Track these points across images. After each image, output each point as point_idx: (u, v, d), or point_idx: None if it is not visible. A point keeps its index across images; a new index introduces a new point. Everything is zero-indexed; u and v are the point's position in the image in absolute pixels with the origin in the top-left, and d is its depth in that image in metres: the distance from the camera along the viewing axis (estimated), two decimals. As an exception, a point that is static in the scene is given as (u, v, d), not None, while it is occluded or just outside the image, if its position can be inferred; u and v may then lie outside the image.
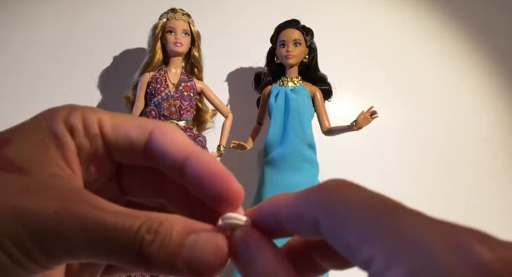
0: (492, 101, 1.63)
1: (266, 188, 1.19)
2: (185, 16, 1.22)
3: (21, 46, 1.43)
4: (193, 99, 1.23)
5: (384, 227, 0.12)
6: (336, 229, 0.13)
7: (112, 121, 0.16)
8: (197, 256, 0.14)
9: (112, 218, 0.14)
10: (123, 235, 0.14)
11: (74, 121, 0.16)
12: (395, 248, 0.11)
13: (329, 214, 0.13)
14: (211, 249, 0.15)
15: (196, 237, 0.14)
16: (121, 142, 0.16)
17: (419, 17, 1.63)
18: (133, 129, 0.16)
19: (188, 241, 0.14)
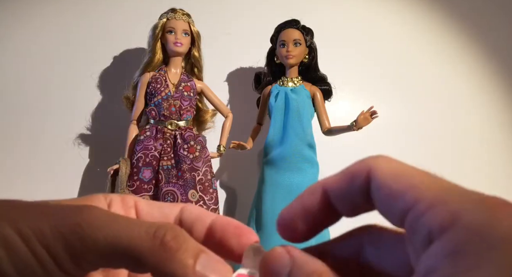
0: (492, 100, 1.63)
1: (266, 188, 1.19)
2: (185, 16, 1.22)
3: (21, 46, 1.43)
4: (193, 99, 1.23)
5: (428, 180, 0.14)
6: (387, 180, 0.14)
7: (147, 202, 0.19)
8: (210, 269, 0.15)
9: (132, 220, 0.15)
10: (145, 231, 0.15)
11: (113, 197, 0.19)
12: (437, 195, 0.13)
13: (382, 167, 0.15)
14: (223, 269, 0.16)
15: (209, 255, 0.16)
16: (156, 214, 0.19)
17: (419, 17, 1.63)
18: (166, 206, 0.19)
19: (204, 254, 0.15)
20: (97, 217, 0.15)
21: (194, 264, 0.15)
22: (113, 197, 0.19)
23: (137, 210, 0.19)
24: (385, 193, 0.14)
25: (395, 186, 0.14)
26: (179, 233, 0.15)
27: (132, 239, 0.14)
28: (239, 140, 1.23)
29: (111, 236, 0.14)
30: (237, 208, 1.51)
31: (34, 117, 1.41)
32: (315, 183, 0.17)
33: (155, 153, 1.16)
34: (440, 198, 0.13)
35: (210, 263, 0.15)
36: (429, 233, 0.12)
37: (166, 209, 0.19)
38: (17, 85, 1.42)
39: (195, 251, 0.15)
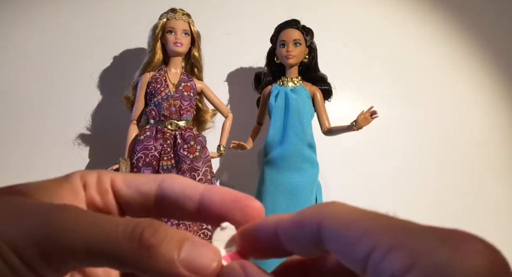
0: (493, 101, 1.63)
1: (266, 188, 1.19)
2: (185, 16, 1.22)
3: (21, 46, 1.43)
4: (193, 99, 1.23)
5: (383, 224, 0.13)
6: (339, 229, 0.14)
7: (124, 179, 0.18)
8: (197, 255, 0.15)
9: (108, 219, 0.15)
10: (122, 231, 0.14)
11: (89, 178, 0.18)
12: (394, 237, 0.12)
13: (333, 216, 0.14)
14: (209, 252, 0.15)
15: (193, 242, 0.15)
16: (133, 195, 0.18)
17: (420, 18, 1.63)
18: (143, 182, 0.18)
19: (188, 242, 0.15)
20: (71, 219, 0.14)
21: (178, 255, 0.14)
22: (88, 178, 0.18)
23: (115, 192, 0.18)
24: (341, 243, 0.14)
25: (349, 236, 0.13)
26: (157, 228, 0.14)
27: (109, 242, 0.14)
28: (239, 140, 1.23)
29: (87, 240, 0.14)
30: (237, 208, 1.51)
31: (34, 117, 1.41)
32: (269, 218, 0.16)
33: (155, 153, 1.16)
34: (398, 240, 0.12)
35: (195, 249, 0.15)
36: None
37: (144, 186, 0.18)
38: (17, 85, 1.42)
39: (177, 241, 0.14)
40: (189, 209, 0.17)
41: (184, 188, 0.17)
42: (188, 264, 0.14)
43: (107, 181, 0.18)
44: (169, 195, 0.17)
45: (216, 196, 0.17)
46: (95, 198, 0.18)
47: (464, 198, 1.57)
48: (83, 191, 0.18)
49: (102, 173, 0.18)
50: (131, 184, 0.18)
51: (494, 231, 1.56)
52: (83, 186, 0.18)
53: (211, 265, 0.15)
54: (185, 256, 0.14)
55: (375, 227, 0.13)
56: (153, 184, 0.18)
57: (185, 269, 0.14)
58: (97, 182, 0.18)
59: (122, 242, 0.14)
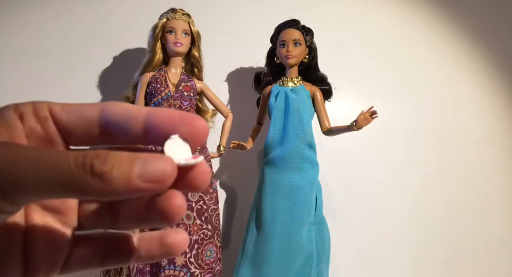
0: (492, 102, 1.63)
1: (266, 188, 1.19)
2: (185, 16, 1.22)
3: (21, 46, 1.43)
4: (193, 99, 1.23)
5: None
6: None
7: (63, 106, 0.18)
8: (150, 166, 0.15)
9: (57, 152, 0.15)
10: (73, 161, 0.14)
11: (24, 108, 0.17)
12: None
13: None
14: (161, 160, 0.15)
15: (144, 157, 0.15)
16: (75, 121, 0.17)
17: (420, 18, 1.63)
18: (86, 108, 0.18)
19: (139, 159, 0.15)
20: (20, 156, 0.14)
21: (132, 171, 0.15)
22: (23, 109, 0.17)
23: (55, 120, 0.17)
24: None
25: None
26: (106, 154, 0.15)
27: (62, 174, 0.14)
28: (239, 140, 1.23)
29: (40, 174, 0.14)
30: (237, 208, 1.51)
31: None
32: None
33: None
34: None
35: (147, 162, 0.15)
36: None
37: (86, 112, 0.17)
38: (17, 85, 1.42)
39: (128, 161, 0.15)
40: (135, 131, 0.17)
41: (128, 110, 0.17)
42: (144, 176, 0.15)
43: (45, 109, 0.17)
44: (113, 119, 0.17)
45: (162, 115, 0.17)
46: (35, 126, 0.17)
47: (464, 198, 1.57)
48: (20, 123, 0.17)
49: (37, 102, 0.18)
50: (71, 111, 0.17)
51: (494, 231, 1.56)
52: (19, 117, 0.17)
53: (165, 171, 0.15)
54: (139, 170, 0.15)
55: None
56: (95, 110, 0.17)
57: (142, 181, 0.15)
58: (33, 111, 0.17)
59: (75, 173, 0.14)
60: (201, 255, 1.13)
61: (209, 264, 1.14)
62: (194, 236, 1.13)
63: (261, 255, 1.14)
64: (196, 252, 1.12)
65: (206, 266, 1.13)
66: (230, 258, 1.32)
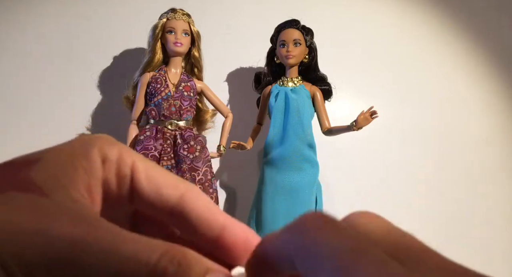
0: (492, 101, 1.63)
1: (266, 188, 1.19)
2: (185, 16, 1.22)
3: (21, 46, 1.43)
4: (193, 99, 1.23)
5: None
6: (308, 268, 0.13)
7: (146, 171, 0.16)
8: None
9: (130, 246, 0.13)
10: (143, 264, 0.13)
11: (110, 153, 0.16)
12: None
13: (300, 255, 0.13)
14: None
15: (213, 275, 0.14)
16: (152, 194, 0.16)
17: (420, 17, 1.63)
18: (167, 187, 0.16)
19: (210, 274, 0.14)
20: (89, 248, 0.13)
21: None
22: (108, 153, 0.16)
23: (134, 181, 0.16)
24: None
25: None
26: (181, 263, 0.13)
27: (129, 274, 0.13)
28: (239, 140, 1.23)
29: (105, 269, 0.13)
30: (237, 208, 1.51)
31: (34, 117, 1.41)
32: None
33: (155, 153, 1.16)
34: None
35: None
36: None
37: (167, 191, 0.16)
38: (17, 85, 1.42)
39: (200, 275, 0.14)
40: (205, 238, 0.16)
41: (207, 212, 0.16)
42: None
43: (129, 164, 0.16)
44: (189, 214, 0.16)
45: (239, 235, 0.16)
46: (111, 181, 0.16)
47: (464, 198, 1.57)
48: (101, 170, 0.16)
49: (124, 150, 0.16)
50: (152, 182, 0.16)
51: (494, 231, 1.56)
52: (102, 161, 0.16)
53: None
54: None
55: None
56: (175, 192, 0.16)
57: None
58: (117, 161, 0.16)
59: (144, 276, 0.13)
60: (201, 255, 1.13)
61: (209, 264, 1.14)
62: (194, 236, 1.13)
63: (261, 255, 1.14)
64: (196, 252, 1.12)
65: (206, 266, 1.13)
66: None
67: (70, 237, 0.13)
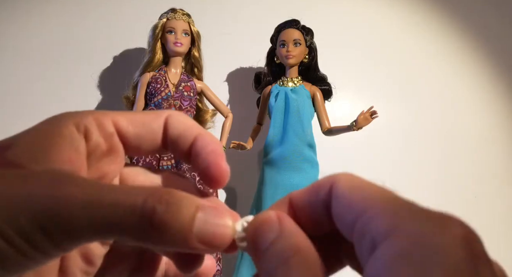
0: (492, 101, 1.63)
1: (266, 188, 1.19)
2: (185, 16, 1.22)
3: (21, 46, 1.43)
4: (193, 99, 1.23)
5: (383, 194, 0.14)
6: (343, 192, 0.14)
7: (128, 118, 0.17)
8: (209, 229, 0.14)
9: (113, 195, 0.14)
10: (128, 208, 0.13)
11: (88, 124, 0.16)
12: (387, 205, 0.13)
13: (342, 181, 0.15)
14: (222, 223, 0.15)
15: (205, 212, 0.14)
16: (142, 133, 0.17)
17: (420, 17, 1.63)
18: (151, 119, 0.18)
19: (199, 215, 0.14)
20: (73, 196, 0.13)
21: (192, 228, 0.14)
22: (87, 125, 0.16)
23: (121, 134, 0.17)
24: (341, 203, 0.14)
25: (349, 197, 0.14)
26: (168, 201, 0.14)
27: (117, 221, 0.13)
28: (239, 140, 1.23)
29: (93, 219, 0.13)
30: (237, 208, 1.51)
31: (34, 117, 1.41)
32: (285, 196, 0.17)
33: (155, 153, 1.16)
34: (387, 208, 0.13)
35: (208, 220, 0.14)
36: (373, 239, 0.12)
37: (150, 125, 0.17)
38: (17, 85, 1.42)
39: (190, 214, 0.14)
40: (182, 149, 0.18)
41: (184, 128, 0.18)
42: (202, 238, 0.14)
43: (110, 124, 0.17)
44: (173, 132, 0.18)
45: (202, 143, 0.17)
46: (100, 143, 0.17)
47: (464, 198, 1.57)
48: (84, 142, 0.16)
49: (100, 115, 0.17)
50: (136, 123, 0.17)
51: (494, 231, 1.56)
52: (83, 134, 0.16)
53: (224, 239, 0.15)
54: (199, 229, 0.14)
55: (374, 195, 0.14)
56: (159, 121, 0.18)
57: (200, 242, 0.14)
58: (98, 126, 0.16)
59: (132, 221, 0.13)
60: (201, 255, 1.13)
61: (209, 264, 1.14)
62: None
63: (261, 255, 1.14)
64: (196, 252, 1.12)
65: (206, 266, 1.13)
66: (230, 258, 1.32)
67: (52, 194, 0.13)
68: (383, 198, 0.13)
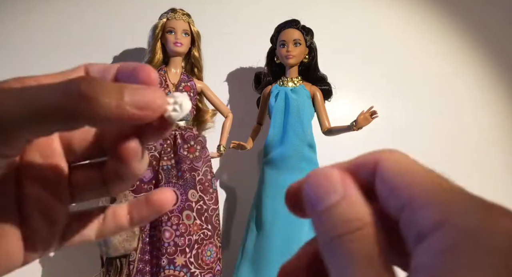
0: (492, 101, 1.63)
1: (266, 188, 1.19)
2: (185, 16, 1.22)
3: (20, 45, 1.43)
4: (193, 99, 1.23)
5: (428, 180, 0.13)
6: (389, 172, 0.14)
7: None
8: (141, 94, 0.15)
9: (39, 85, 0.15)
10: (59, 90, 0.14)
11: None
12: (432, 194, 0.12)
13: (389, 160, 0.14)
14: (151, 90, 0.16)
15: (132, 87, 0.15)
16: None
17: (420, 17, 1.63)
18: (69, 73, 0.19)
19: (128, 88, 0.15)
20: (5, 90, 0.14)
21: (122, 98, 0.14)
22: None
23: None
24: (386, 187, 0.14)
25: (396, 181, 0.13)
26: (92, 79, 0.14)
27: (48, 104, 0.14)
28: (239, 140, 1.23)
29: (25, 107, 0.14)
30: (237, 208, 1.51)
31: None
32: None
33: (155, 153, 1.16)
34: (436, 197, 0.12)
35: (137, 91, 0.15)
36: (420, 230, 0.12)
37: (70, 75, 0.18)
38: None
39: (117, 89, 0.15)
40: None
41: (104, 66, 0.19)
42: (135, 103, 0.15)
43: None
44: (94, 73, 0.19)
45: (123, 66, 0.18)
46: None
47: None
48: None
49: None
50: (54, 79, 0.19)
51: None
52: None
53: (156, 98, 0.15)
54: (129, 98, 0.15)
55: (422, 180, 0.13)
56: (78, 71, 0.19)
57: (134, 107, 0.15)
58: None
59: (62, 100, 0.14)
60: (201, 255, 1.13)
61: (209, 264, 1.14)
62: (194, 236, 1.13)
63: (261, 255, 1.14)
64: (196, 252, 1.12)
65: (206, 266, 1.13)
66: (230, 258, 1.32)
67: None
68: (431, 185, 0.13)
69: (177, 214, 1.12)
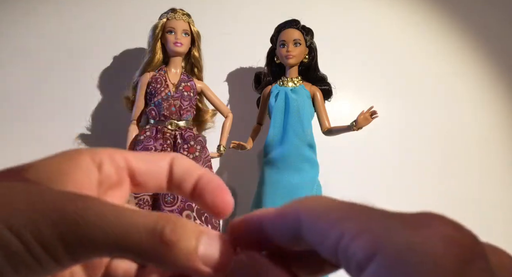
0: (492, 101, 1.63)
1: (266, 188, 1.19)
2: (185, 16, 1.22)
3: (20, 46, 1.43)
4: (193, 99, 1.23)
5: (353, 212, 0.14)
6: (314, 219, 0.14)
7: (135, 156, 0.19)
8: (213, 251, 0.16)
9: (129, 213, 0.15)
10: (142, 225, 0.14)
11: (103, 157, 0.18)
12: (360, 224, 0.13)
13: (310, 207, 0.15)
14: (224, 248, 0.16)
15: (208, 236, 0.16)
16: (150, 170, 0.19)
17: (420, 17, 1.63)
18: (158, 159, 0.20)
19: (203, 237, 0.15)
20: (93, 212, 0.14)
21: (197, 250, 0.15)
22: (102, 156, 0.18)
23: (130, 169, 0.19)
24: (314, 233, 0.14)
25: (322, 225, 0.14)
26: (176, 223, 0.15)
27: (131, 238, 0.14)
28: (239, 140, 1.23)
29: (109, 234, 0.14)
30: (237, 208, 1.51)
31: (34, 117, 1.41)
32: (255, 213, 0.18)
33: (155, 153, 1.16)
34: (363, 227, 0.13)
35: (212, 242, 0.16)
36: (358, 264, 0.12)
37: (157, 164, 0.19)
38: (17, 85, 1.42)
39: (194, 236, 0.15)
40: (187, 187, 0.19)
41: (188, 167, 0.20)
42: (207, 260, 0.15)
43: (122, 161, 0.19)
44: (177, 171, 0.19)
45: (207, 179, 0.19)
46: (110, 174, 0.18)
47: (465, 198, 1.57)
48: (97, 173, 0.18)
49: (113, 151, 0.19)
50: (144, 162, 0.19)
51: (494, 231, 1.56)
52: (97, 166, 0.18)
53: (228, 263, 0.16)
54: (203, 252, 0.15)
55: (345, 215, 0.13)
56: (165, 160, 0.20)
57: (205, 265, 0.15)
58: (110, 160, 0.18)
59: (144, 238, 0.14)
60: (201, 255, 1.13)
61: (209, 264, 1.14)
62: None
63: (261, 255, 1.15)
64: (196, 252, 1.12)
65: (206, 266, 1.13)
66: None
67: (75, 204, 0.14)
68: (354, 217, 0.13)
69: (177, 214, 1.12)
